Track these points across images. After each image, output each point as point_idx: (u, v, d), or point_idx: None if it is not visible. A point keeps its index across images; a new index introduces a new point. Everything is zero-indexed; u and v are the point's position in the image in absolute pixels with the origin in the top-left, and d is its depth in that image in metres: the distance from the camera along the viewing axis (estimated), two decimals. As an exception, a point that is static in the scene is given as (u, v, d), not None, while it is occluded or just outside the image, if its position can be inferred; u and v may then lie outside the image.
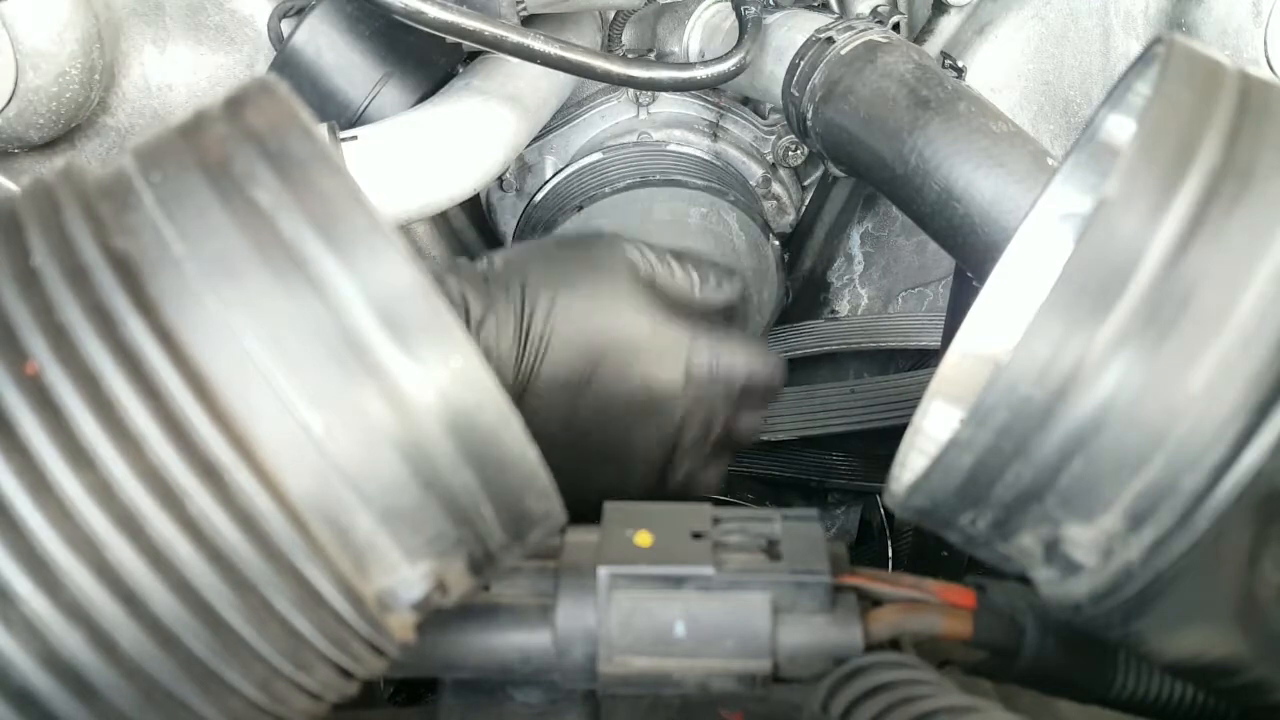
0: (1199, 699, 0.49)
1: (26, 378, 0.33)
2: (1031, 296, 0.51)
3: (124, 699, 0.33)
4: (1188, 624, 0.39)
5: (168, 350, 0.33)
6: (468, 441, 0.34)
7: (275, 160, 0.34)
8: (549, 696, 0.49)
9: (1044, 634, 0.47)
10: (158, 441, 0.32)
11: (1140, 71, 0.45)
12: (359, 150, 0.86)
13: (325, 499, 0.34)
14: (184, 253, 0.34)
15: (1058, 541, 0.38)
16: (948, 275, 1.28)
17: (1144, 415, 0.35)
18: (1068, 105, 1.17)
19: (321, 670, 0.37)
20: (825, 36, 0.94)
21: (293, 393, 0.33)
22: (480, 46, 0.83)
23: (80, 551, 0.32)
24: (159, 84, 1.00)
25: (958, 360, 0.52)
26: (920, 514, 0.41)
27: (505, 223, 1.18)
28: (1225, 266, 0.35)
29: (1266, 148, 0.36)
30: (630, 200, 1.01)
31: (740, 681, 0.46)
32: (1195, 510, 0.35)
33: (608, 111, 1.13)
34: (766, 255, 1.07)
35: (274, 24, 0.99)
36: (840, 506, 1.17)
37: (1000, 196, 0.75)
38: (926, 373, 0.87)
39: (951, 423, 0.49)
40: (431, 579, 0.37)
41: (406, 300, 0.33)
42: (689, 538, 0.47)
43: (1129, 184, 0.35)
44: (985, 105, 0.81)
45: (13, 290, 0.34)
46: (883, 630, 0.46)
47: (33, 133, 0.91)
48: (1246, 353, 0.34)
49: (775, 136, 1.16)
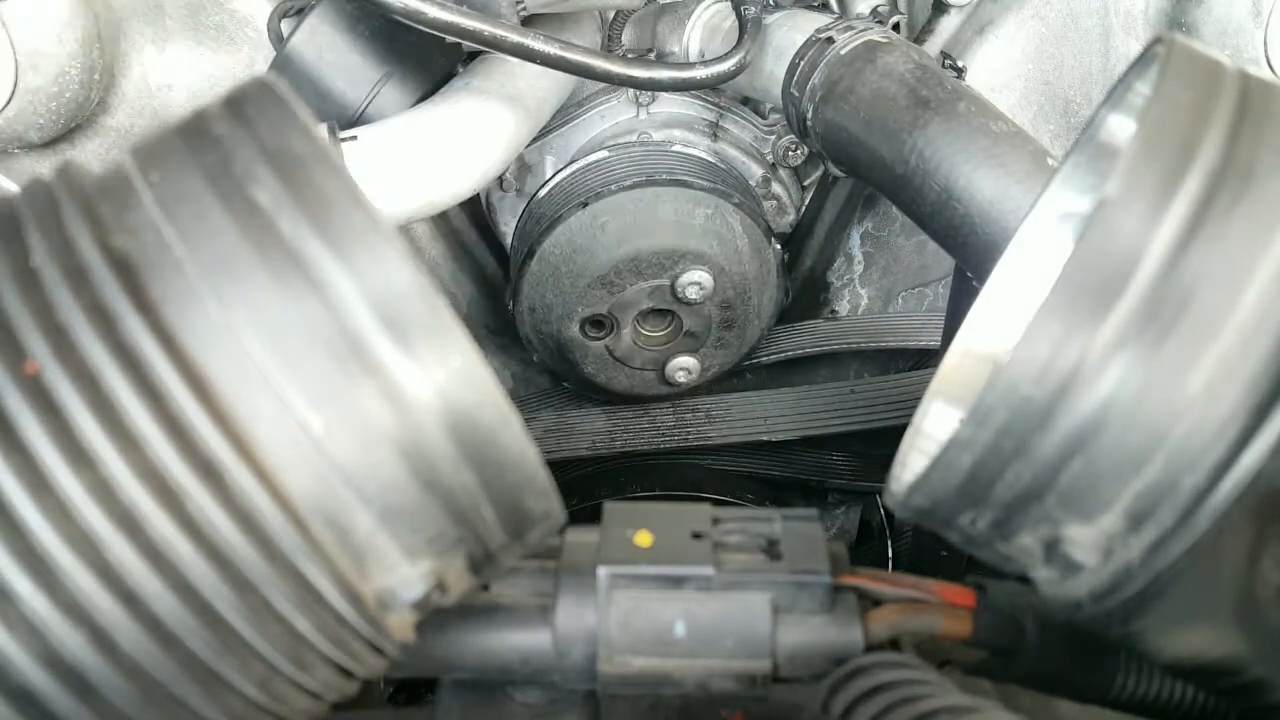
0: (1199, 699, 0.49)
1: (26, 378, 0.33)
2: (1031, 296, 0.51)
3: (124, 698, 0.33)
4: (1188, 624, 0.39)
5: (167, 350, 0.33)
6: (467, 441, 0.34)
7: (275, 160, 0.34)
8: (549, 696, 0.49)
9: (1044, 634, 0.47)
10: (157, 441, 0.32)
11: (1140, 71, 0.45)
12: (359, 150, 0.86)
13: (325, 498, 0.34)
14: (184, 252, 0.34)
15: (1058, 541, 0.38)
16: (948, 275, 1.28)
17: (1144, 415, 0.35)
18: (1068, 105, 1.17)
19: (321, 669, 0.37)
20: (825, 36, 0.94)
21: (292, 392, 0.33)
22: (480, 46, 0.83)
23: (80, 551, 0.32)
24: (159, 84, 1.00)
25: (958, 360, 0.52)
26: (920, 514, 0.41)
27: (505, 222, 1.18)
28: (1225, 266, 0.35)
29: (1266, 148, 0.36)
30: (635, 199, 1.01)
31: (740, 681, 0.46)
32: (1195, 510, 0.35)
33: (608, 111, 1.13)
34: (768, 258, 1.07)
35: (274, 24, 0.99)
36: (840, 506, 1.17)
37: (1000, 196, 0.75)
38: (926, 373, 0.87)
39: (951, 423, 0.49)
40: (431, 578, 0.37)
41: (406, 300, 0.33)
42: (689, 538, 0.47)
43: (1129, 184, 0.35)
44: (985, 105, 0.81)
45: (13, 290, 0.34)
46: (883, 630, 0.46)
47: (33, 133, 0.91)
48: (1246, 353, 0.34)
49: (775, 136, 1.17)
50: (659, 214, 1.02)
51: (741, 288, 1.06)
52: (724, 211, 1.03)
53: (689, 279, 1.03)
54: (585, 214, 1.02)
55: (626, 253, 1.02)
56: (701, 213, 1.02)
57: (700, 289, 1.04)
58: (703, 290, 1.04)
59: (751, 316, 1.09)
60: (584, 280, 1.02)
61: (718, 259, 1.03)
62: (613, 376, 1.11)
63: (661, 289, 1.03)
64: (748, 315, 1.09)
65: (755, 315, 1.10)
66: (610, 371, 1.10)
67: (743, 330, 1.10)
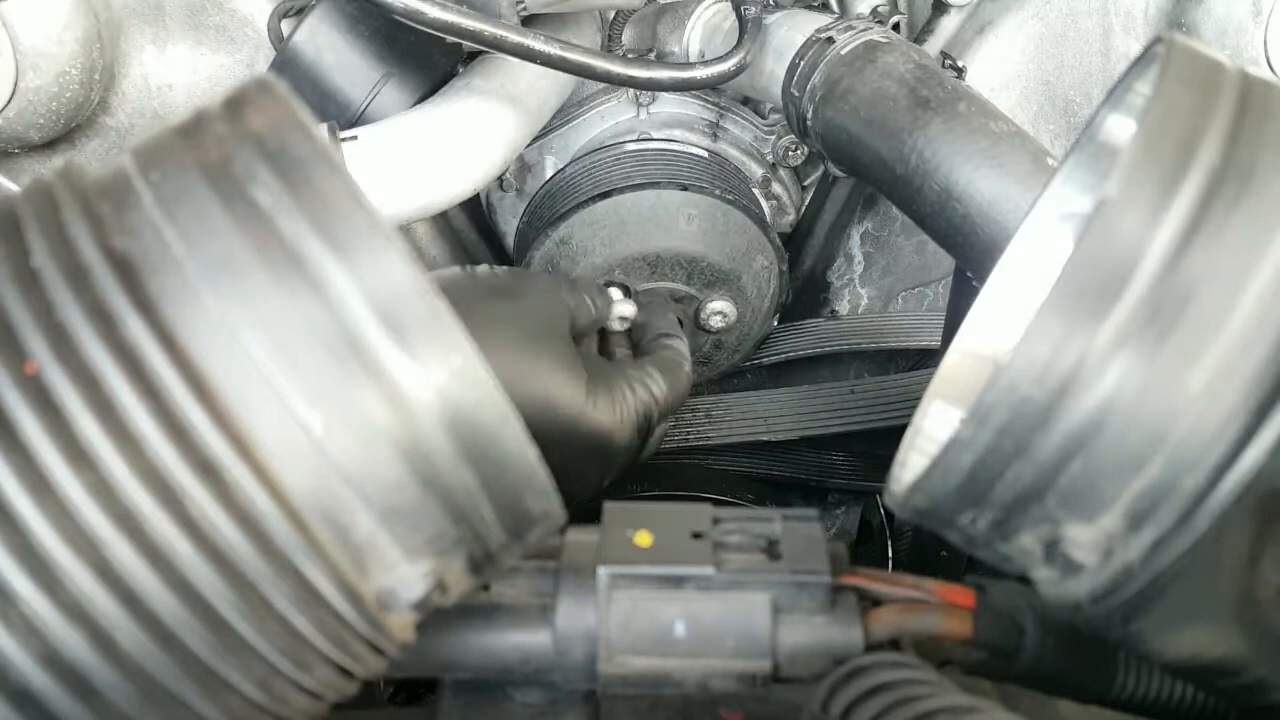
0: (1199, 699, 0.49)
1: (26, 378, 0.33)
2: (1031, 296, 0.51)
3: (124, 698, 0.33)
4: (1188, 624, 0.39)
5: (167, 350, 0.33)
6: (467, 441, 0.34)
7: (275, 160, 0.34)
8: (549, 696, 0.49)
9: (1044, 634, 0.47)
10: (157, 441, 0.32)
11: (1140, 71, 0.45)
12: (359, 150, 0.86)
13: (325, 498, 0.34)
14: (184, 252, 0.34)
15: (1058, 541, 0.38)
16: (948, 275, 1.28)
17: (1144, 415, 0.35)
18: (1068, 105, 1.17)
19: (321, 669, 0.37)
20: (825, 36, 0.94)
21: (292, 392, 0.33)
22: (480, 46, 0.83)
23: (80, 551, 0.32)
24: (159, 84, 1.00)
25: (958, 360, 0.52)
26: (920, 514, 0.41)
27: (505, 222, 1.18)
28: (1225, 267, 0.35)
29: (1266, 148, 0.36)
30: (635, 200, 1.01)
31: (740, 681, 0.46)
32: (1195, 510, 0.35)
33: (608, 111, 1.13)
34: (769, 258, 1.07)
35: (274, 24, 0.99)
36: (840, 506, 1.17)
37: (1000, 196, 0.75)
38: (926, 373, 0.87)
39: (951, 423, 0.49)
40: (431, 578, 0.37)
41: (406, 300, 0.33)
42: (689, 538, 0.47)
43: (1129, 184, 0.35)
44: (985, 105, 0.81)
45: (13, 290, 0.34)
46: (883, 630, 0.46)
47: (33, 133, 0.91)
48: (1246, 353, 0.34)
49: (775, 136, 1.16)
50: (659, 215, 1.02)
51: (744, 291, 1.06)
52: (725, 211, 1.03)
53: (714, 308, 1.05)
54: (586, 214, 1.02)
55: (627, 253, 1.02)
56: (701, 213, 1.02)
57: (724, 319, 1.05)
58: (726, 320, 1.06)
59: (752, 318, 1.09)
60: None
61: (719, 260, 1.03)
62: (612, 376, 1.11)
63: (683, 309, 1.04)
64: (749, 318, 1.09)
65: (756, 317, 1.10)
66: (610, 371, 1.11)
67: (743, 332, 1.10)
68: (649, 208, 1.02)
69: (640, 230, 1.02)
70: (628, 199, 1.01)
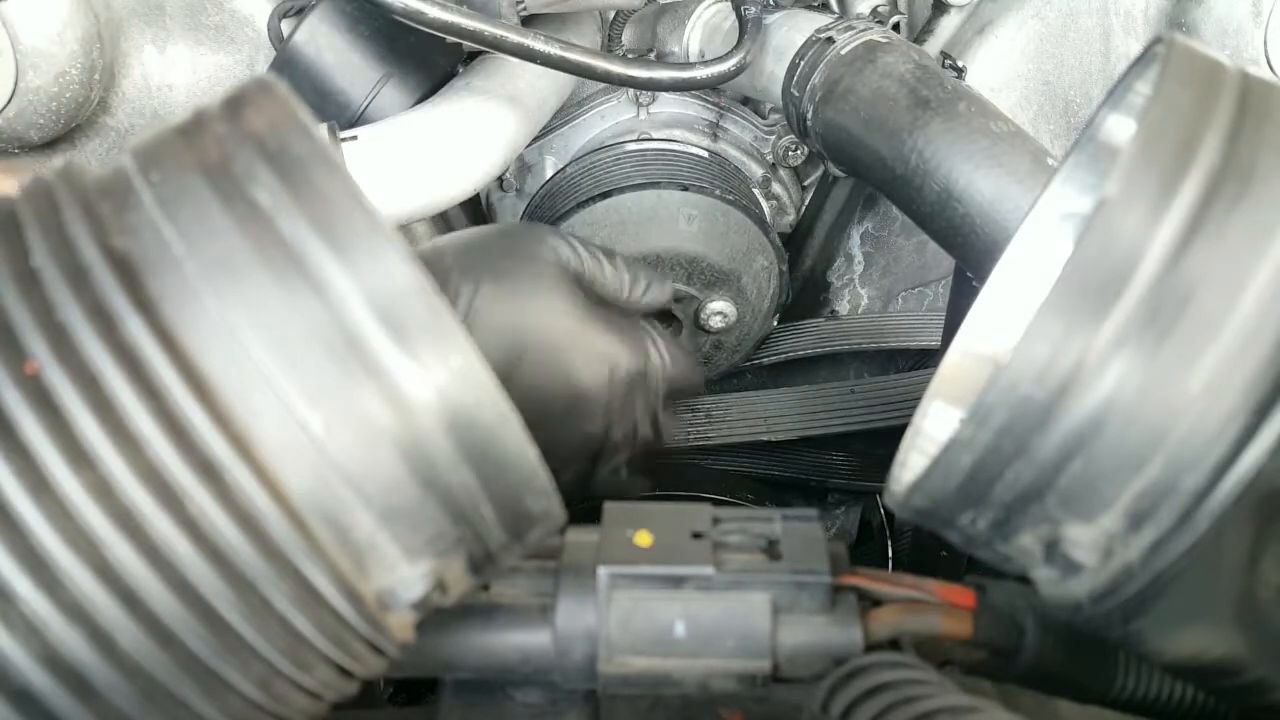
0: (1199, 699, 0.49)
1: (26, 378, 0.33)
2: (1031, 296, 0.51)
3: (124, 698, 0.33)
4: (1188, 624, 0.39)
5: (167, 350, 0.33)
6: (467, 441, 0.34)
7: (275, 160, 0.34)
8: (549, 696, 0.49)
9: (1044, 634, 0.47)
10: (157, 441, 0.32)
11: (1140, 71, 0.45)
12: (359, 150, 0.86)
13: (325, 498, 0.34)
14: (184, 252, 0.34)
15: (1058, 541, 0.38)
16: (948, 275, 1.28)
17: (1144, 415, 0.35)
18: (1068, 105, 1.17)
19: (321, 669, 0.37)
20: (825, 36, 0.94)
21: (292, 392, 0.33)
22: (480, 46, 0.83)
23: (80, 551, 0.32)
24: (159, 84, 1.00)
25: (958, 360, 0.52)
26: (920, 514, 0.41)
27: (505, 222, 1.18)
28: (1225, 267, 0.35)
29: (1266, 148, 0.36)
30: (635, 200, 1.01)
31: (740, 681, 0.46)
32: (1195, 510, 0.35)
33: (608, 111, 1.13)
34: (769, 259, 1.07)
35: (274, 24, 0.99)
36: (840, 506, 1.17)
37: (1000, 196, 0.75)
38: (926, 373, 0.87)
39: (951, 423, 0.49)
40: (431, 578, 0.37)
41: (406, 300, 0.33)
42: (689, 538, 0.47)
43: (1129, 184, 0.35)
44: (985, 105, 0.81)
45: (13, 290, 0.34)
46: (883, 630, 0.46)
47: (33, 133, 0.91)
48: (1246, 353, 0.34)
49: (775, 136, 1.16)
50: (659, 214, 1.02)
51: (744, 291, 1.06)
52: (724, 211, 1.03)
53: (714, 309, 1.05)
54: (586, 214, 1.02)
55: (627, 254, 1.02)
56: (701, 213, 1.02)
57: (724, 319, 1.05)
58: (726, 320, 1.05)
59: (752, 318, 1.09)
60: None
61: (719, 260, 1.03)
62: (612, 376, 1.11)
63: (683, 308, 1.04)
64: (749, 318, 1.09)
65: (756, 317, 1.10)
66: (610, 371, 1.10)
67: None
68: (649, 208, 1.01)
69: (640, 230, 1.02)
70: (628, 199, 1.01)
